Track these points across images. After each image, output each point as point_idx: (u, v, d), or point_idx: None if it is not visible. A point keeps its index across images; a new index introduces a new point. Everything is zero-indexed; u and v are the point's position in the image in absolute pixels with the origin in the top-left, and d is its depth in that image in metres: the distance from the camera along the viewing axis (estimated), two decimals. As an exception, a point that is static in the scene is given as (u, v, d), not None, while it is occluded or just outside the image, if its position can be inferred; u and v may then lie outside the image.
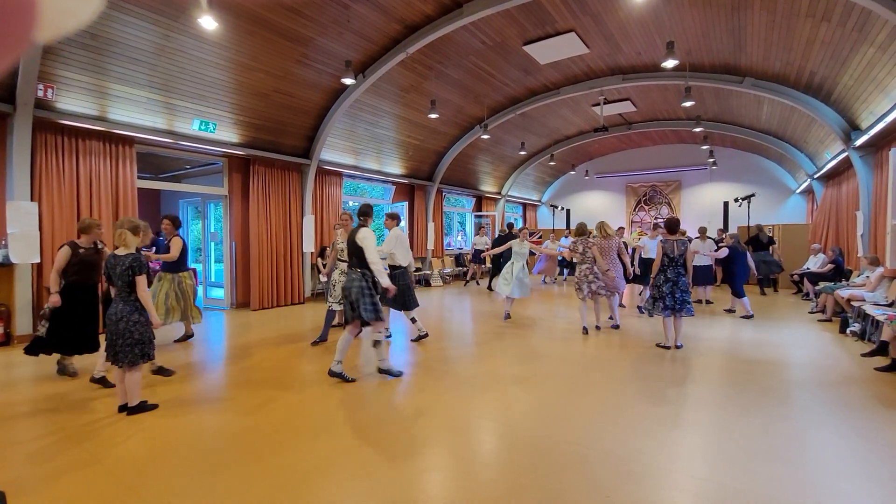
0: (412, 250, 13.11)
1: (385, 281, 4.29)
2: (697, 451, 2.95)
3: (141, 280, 3.38)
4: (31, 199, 5.86)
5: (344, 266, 5.51)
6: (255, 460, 2.78)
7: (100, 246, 4.43)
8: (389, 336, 6.07)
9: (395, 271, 5.64)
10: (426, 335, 6.04)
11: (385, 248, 5.57)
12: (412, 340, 5.99)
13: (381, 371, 4.52)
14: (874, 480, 2.57)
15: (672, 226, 5.57)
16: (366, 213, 4.46)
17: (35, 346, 4.20)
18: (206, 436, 3.15)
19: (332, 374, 4.30)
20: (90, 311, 4.34)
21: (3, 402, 3.80)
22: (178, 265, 5.56)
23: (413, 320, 5.97)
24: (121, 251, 3.42)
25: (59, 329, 4.16)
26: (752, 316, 7.52)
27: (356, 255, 4.32)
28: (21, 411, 3.60)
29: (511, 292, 7.01)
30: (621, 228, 9.39)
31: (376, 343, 4.48)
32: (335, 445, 2.99)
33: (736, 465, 2.73)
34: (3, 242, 5.73)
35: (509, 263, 7.23)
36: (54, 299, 4.08)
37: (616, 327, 6.69)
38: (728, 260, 8.06)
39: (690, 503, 2.37)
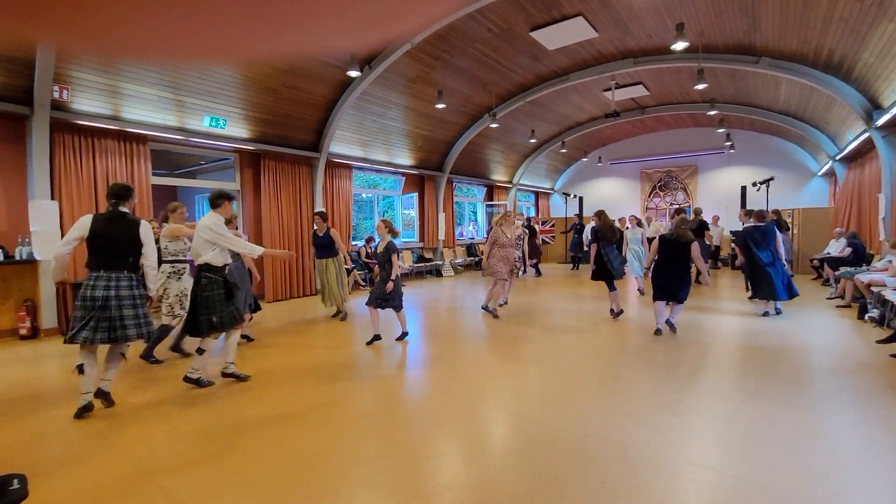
0: (422, 241, 13.21)
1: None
2: (697, 437, 2.95)
3: None
4: (52, 198, 6.08)
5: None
6: (260, 446, 2.89)
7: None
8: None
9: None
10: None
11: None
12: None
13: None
14: (878, 469, 2.54)
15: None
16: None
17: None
18: (216, 422, 3.27)
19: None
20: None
21: (31, 392, 4.00)
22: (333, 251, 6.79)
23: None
24: None
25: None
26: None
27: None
28: (49, 401, 3.79)
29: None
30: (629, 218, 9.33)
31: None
32: (339, 433, 3.08)
33: (735, 452, 2.72)
34: (27, 240, 5.98)
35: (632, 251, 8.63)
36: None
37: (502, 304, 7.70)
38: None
39: (685, 489, 2.38)
